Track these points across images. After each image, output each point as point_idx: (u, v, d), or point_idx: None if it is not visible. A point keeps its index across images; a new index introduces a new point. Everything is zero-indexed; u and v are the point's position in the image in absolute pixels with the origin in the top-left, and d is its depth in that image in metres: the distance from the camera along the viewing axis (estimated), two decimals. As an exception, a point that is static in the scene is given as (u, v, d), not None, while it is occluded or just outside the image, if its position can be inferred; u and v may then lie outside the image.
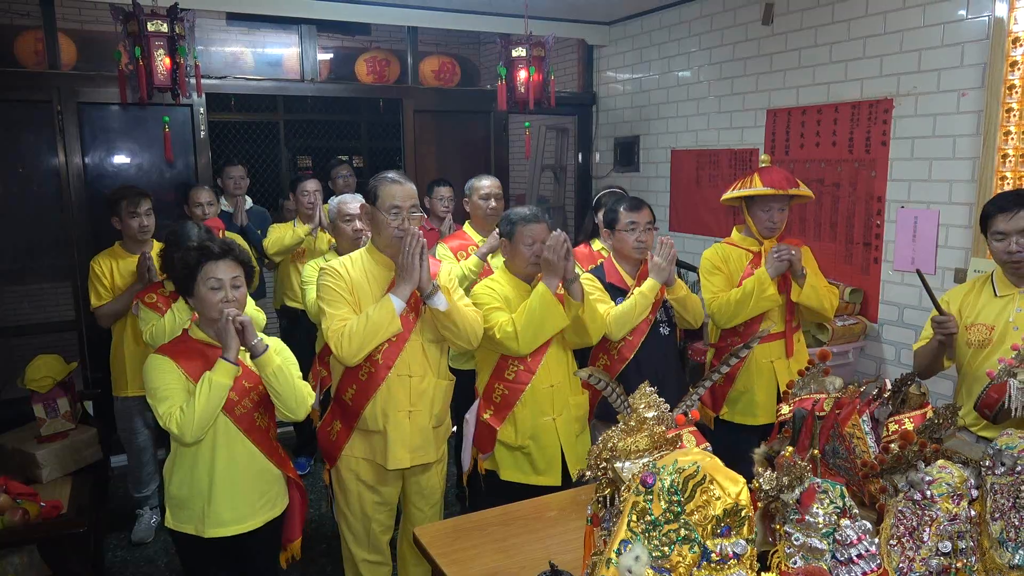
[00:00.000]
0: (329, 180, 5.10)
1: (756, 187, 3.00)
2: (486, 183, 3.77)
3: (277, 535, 2.51)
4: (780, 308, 3.14)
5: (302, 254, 4.29)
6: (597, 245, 3.75)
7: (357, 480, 2.63)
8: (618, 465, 1.36)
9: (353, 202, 3.37)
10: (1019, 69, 3.10)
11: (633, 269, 3.11)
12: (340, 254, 3.29)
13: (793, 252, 2.99)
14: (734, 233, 3.27)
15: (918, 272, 2.67)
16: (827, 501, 1.32)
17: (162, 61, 3.42)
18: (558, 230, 2.67)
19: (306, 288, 3.35)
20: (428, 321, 2.62)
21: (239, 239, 4.29)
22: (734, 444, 2.97)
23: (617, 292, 3.06)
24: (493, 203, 3.73)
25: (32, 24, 4.34)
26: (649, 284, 2.96)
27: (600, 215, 3.73)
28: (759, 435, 3.10)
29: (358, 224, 3.34)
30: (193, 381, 2.25)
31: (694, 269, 4.55)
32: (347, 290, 2.51)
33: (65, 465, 3.51)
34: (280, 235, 4.27)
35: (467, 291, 2.87)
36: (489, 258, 3.71)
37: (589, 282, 3.06)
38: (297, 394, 2.37)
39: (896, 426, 1.82)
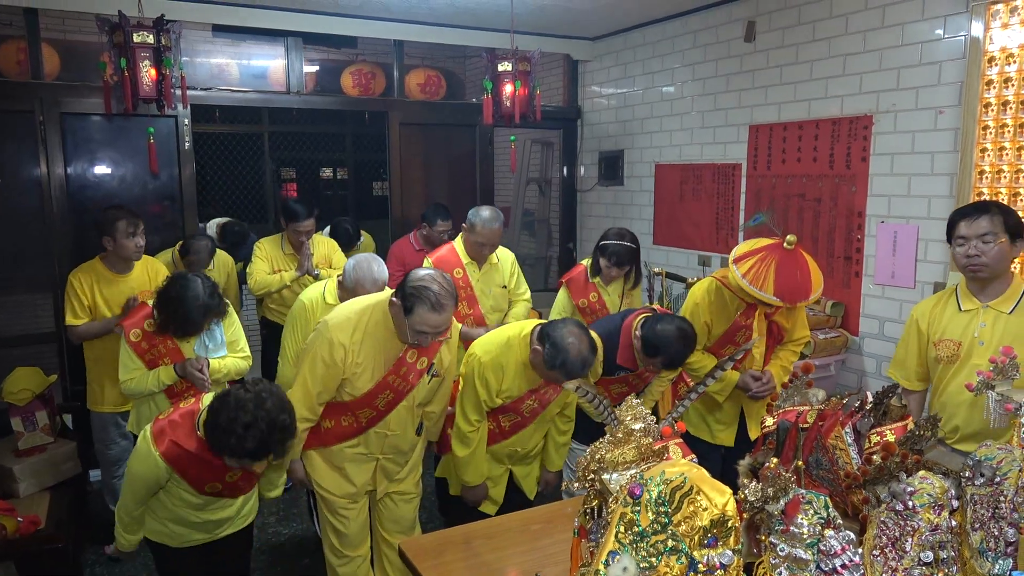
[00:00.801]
0: (333, 232, 5.03)
1: (768, 291, 2.80)
2: (484, 232, 3.60)
3: (250, 536, 2.56)
4: (761, 355, 3.12)
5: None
6: (594, 278, 3.73)
7: (322, 489, 2.66)
8: (606, 477, 1.37)
9: (372, 286, 3.02)
10: (995, 88, 3.17)
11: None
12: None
13: (775, 390, 3.00)
14: (730, 276, 3.02)
15: None
16: (811, 512, 1.33)
17: (148, 72, 3.40)
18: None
19: (293, 323, 3.14)
20: (423, 390, 2.60)
21: (228, 261, 4.29)
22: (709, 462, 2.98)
23: (621, 369, 2.97)
24: (487, 251, 3.68)
25: (15, 34, 4.31)
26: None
27: (603, 263, 3.58)
28: (713, 451, 3.16)
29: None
30: (182, 480, 2.20)
31: (681, 279, 4.59)
32: (338, 373, 2.41)
33: (43, 479, 3.47)
34: (265, 281, 4.19)
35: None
36: (475, 280, 3.67)
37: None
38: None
39: (878, 438, 1.84)
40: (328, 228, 5.17)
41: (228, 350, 3.04)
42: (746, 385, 3.03)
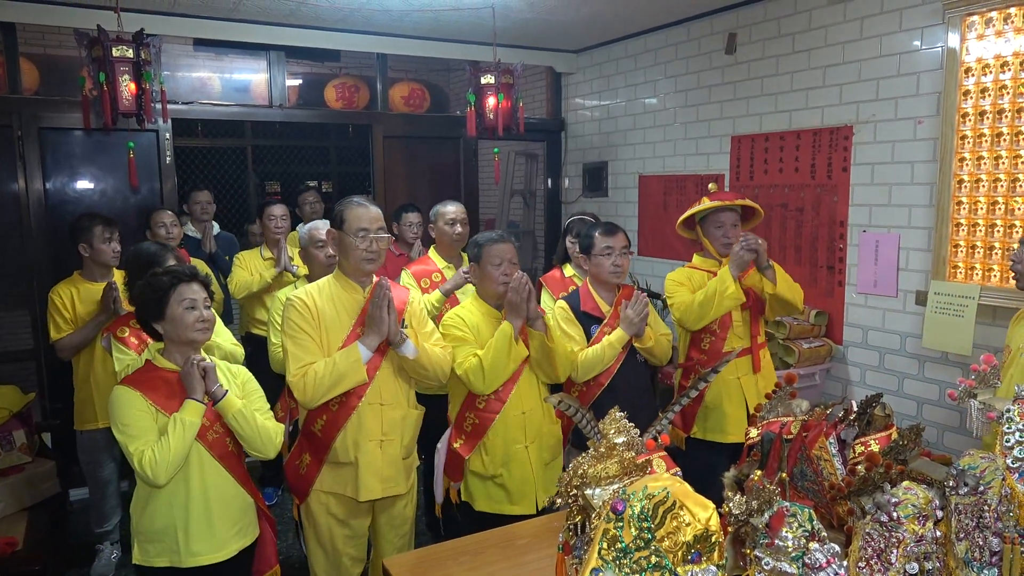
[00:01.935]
0: (296, 207, 5.06)
1: (704, 204, 3.15)
2: (451, 209, 3.75)
3: (247, 565, 2.46)
4: (745, 324, 3.19)
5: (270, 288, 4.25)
6: (569, 271, 3.76)
7: (327, 514, 2.58)
8: (588, 492, 1.35)
9: (325, 227, 3.32)
10: (972, 98, 3.21)
11: (609, 295, 3.12)
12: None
13: (760, 241, 3.03)
14: (695, 258, 3.36)
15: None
16: (796, 525, 1.32)
17: (127, 86, 3.37)
18: (520, 272, 2.69)
19: (274, 324, 3.22)
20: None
21: (204, 266, 4.23)
22: (707, 463, 2.98)
23: (591, 320, 3.06)
24: (459, 228, 3.71)
25: (-7, 48, 4.28)
26: (618, 335, 2.95)
27: (569, 240, 3.76)
28: (731, 453, 3.13)
29: (331, 251, 3.29)
30: (163, 411, 2.22)
31: (659, 297, 4.60)
32: (313, 324, 2.48)
33: (21, 499, 3.41)
34: (246, 280, 4.18)
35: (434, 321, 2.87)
36: (463, 299, 3.69)
37: (563, 312, 3.06)
38: (263, 435, 2.35)
39: (862, 448, 1.84)
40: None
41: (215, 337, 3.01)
42: (734, 248, 3.07)
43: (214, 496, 2.29)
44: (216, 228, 4.84)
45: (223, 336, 3.12)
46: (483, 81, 4.38)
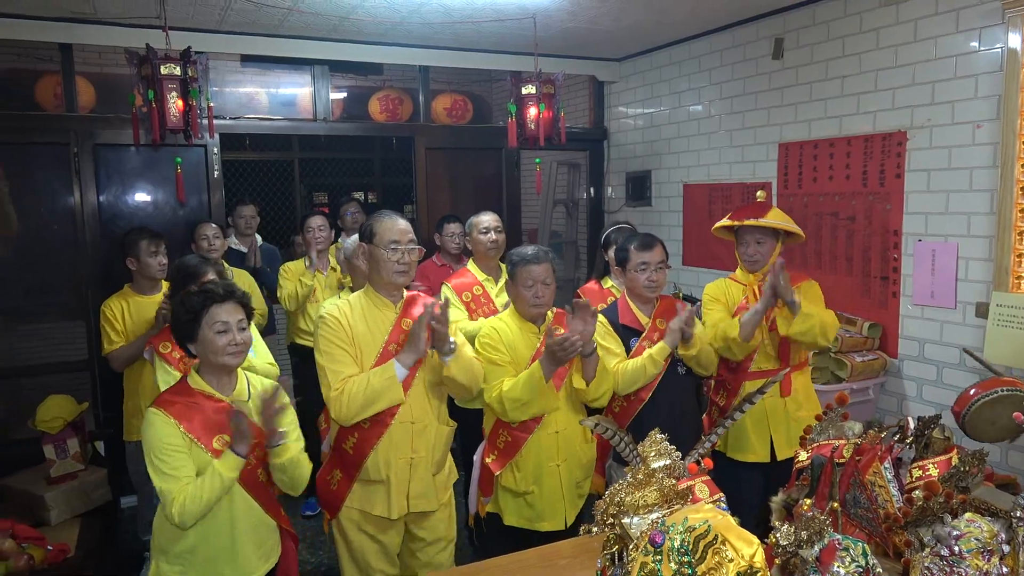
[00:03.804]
0: (338, 218, 5.12)
1: (725, 220, 3.07)
2: (485, 218, 3.77)
3: None
4: (773, 345, 3.07)
5: (313, 292, 4.30)
6: (608, 283, 3.71)
7: (359, 531, 2.57)
8: (626, 521, 1.30)
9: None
10: (1035, 101, 3.06)
11: (648, 308, 3.05)
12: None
13: (783, 270, 2.87)
14: (738, 269, 3.27)
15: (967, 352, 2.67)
16: (848, 560, 1.25)
17: (175, 103, 3.45)
18: (575, 336, 2.53)
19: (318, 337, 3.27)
20: (430, 366, 2.58)
21: (247, 276, 4.30)
22: (731, 480, 2.87)
23: (631, 333, 3.00)
24: (492, 235, 3.72)
25: (52, 68, 4.42)
26: (659, 348, 2.87)
27: (611, 252, 3.70)
28: (752, 472, 3.07)
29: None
30: (195, 439, 2.16)
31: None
32: (347, 339, 2.48)
33: (74, 507, 3.49)
34: (291, 290, 4.27)
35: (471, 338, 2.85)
36: (495, 295, 3.67)
37: (601, 326, 2.99)
38: (299, 482, 2.34)
39: (920, 472, 1.75)
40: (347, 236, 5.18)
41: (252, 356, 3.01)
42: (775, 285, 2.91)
43: (241, 525, 2.25)
44: (259, 240, 4.93)
45: (260, 352, 3.13)
46: (524, 91, 4.36)
